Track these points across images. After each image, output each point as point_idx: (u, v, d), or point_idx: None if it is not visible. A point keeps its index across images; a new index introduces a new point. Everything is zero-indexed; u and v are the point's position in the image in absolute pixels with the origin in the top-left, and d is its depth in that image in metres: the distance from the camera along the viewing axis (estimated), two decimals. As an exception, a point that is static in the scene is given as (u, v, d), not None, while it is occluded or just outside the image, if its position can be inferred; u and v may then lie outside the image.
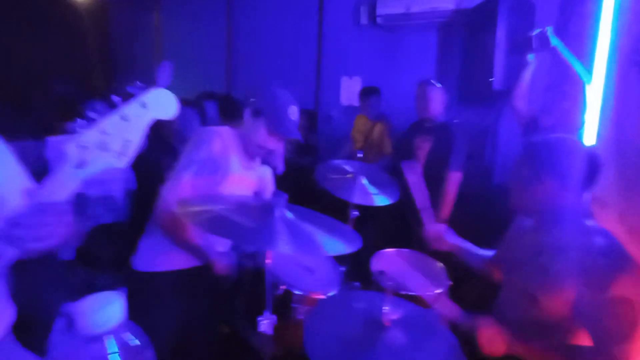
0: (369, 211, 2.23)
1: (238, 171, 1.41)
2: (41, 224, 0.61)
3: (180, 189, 1.25)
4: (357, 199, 1.72)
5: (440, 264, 1.80)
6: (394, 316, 0.97)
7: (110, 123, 0.66)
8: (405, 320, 0.99)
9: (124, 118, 0.66)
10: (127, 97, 0.73)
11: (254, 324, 1.15)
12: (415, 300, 1.02)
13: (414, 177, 1.63)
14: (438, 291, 1.59)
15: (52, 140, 1.92)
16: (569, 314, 0.98)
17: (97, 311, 0.36)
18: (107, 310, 0.36)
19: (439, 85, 2.27)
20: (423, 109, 2.25)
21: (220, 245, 1.44)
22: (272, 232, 0.88)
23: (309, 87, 3.74)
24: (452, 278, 1.70)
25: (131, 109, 0.67)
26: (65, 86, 3.89)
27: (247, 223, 0.88)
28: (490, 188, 2.59)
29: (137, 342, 0.39)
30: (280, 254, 1.45)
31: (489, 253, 1.41)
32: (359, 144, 3.08)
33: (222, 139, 1.34)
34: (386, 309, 0.96)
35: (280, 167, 2.29)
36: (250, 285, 1.50)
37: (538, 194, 1.07)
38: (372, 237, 2.49)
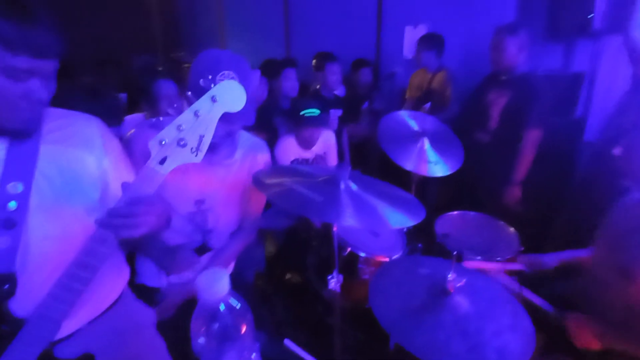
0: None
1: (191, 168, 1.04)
2: (132, 214, 0.68)
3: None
4: (415, 168, 1.60)
5: (512, 229, 1.72)
6: (459, 284, 0.99)
7: (184, 119, 0.69)
8: (469, 288, 1.01)
9: (197, 114, 0.69)
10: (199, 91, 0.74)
11: (324, 279, 1.28)
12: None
13: None
14: (508, 257, 1.55)
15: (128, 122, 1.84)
16: None
17: (213, 285, 0.48)
18: (219, 283, 0.48)
19: (519, 31, 1.98)
20: (498, 61, 2.00)
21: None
22: (338, 205, 0.94)
23: (368, 39, 3.52)
24: (525, 244, 1.63)
25: (202, 104, 0.69)
26: (140, 63, 4.17)
27: (315, 197, 0.95)
28: (579, 147, 2.29)
29: (239, 305, 0.51)
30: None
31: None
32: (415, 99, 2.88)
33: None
34: (451, 276, 0.99)
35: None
36: (319, 245, 1.64)
37: None
38: (436, 198, 2.45)
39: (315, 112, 1.91)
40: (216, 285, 0.48)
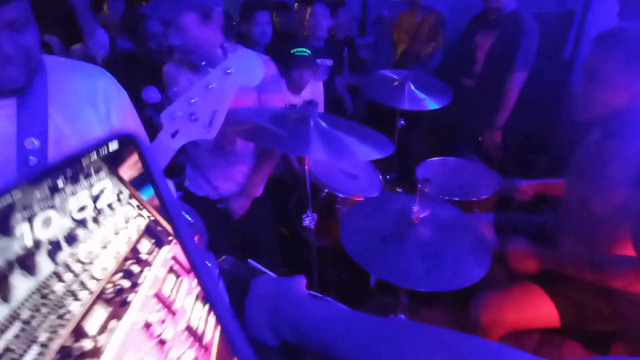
0: (416, 120, 2.16)
1: None
2: None
3: None
4: (407, 105, 1.67)
5: (492, 170, 1.76)
6: (423, 214, 1.04)
7: (196, 92, 0.65)
8: (435, 219, 1.07)
9: (209, 87, 0.64)
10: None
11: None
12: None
13: None
14: (486, 196, 1.60)
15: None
16: (617, 219, 0.98)
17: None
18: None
19: None
20: None
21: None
22: (307, 139, 0.96)
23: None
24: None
25: (215, 76, 0.64)
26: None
27: (283, 132, 0.96)
28: (565, 90, 2.26)
29: (192, 219, 0.53)
30: (323, 161, 1.56)
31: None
32: (403, 44, 2.74)
33: None
34: (416, 208, 1.04)
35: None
36: (300, 189, 1.68)
37: (618, 94, 0.95)
38: (418, 145, 2.46)
39: (306, 51, 1.84)
40: None
